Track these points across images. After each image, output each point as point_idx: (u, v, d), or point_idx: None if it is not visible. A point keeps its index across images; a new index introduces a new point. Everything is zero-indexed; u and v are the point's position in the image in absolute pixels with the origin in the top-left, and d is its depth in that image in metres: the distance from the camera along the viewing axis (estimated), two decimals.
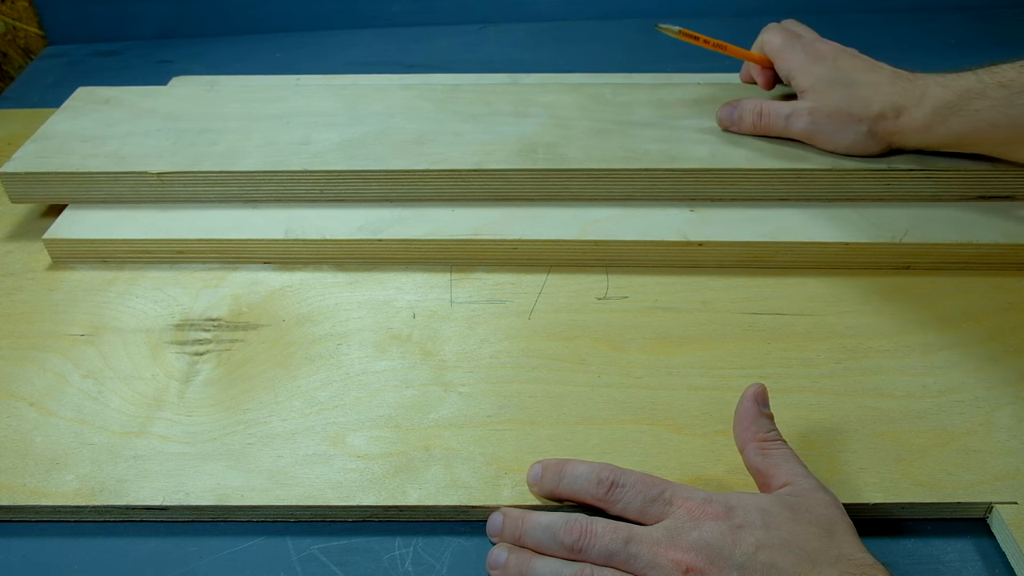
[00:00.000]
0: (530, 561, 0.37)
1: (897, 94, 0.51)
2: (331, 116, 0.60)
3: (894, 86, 0.52)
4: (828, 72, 0.53)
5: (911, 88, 0.51)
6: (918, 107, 0.51)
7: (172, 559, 0.39)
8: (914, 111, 0.51)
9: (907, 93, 0.51)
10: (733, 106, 0.57)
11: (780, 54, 0.56)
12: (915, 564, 0.38)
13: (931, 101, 0.50)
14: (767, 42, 0.57)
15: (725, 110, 0.57)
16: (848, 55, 0.54)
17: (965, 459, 0.41)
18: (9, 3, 0.85)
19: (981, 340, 0.48)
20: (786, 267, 0.53)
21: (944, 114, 0.50)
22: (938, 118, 0.50)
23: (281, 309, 0.51)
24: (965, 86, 0.50)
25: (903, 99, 0.51)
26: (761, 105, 0.56)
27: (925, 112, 0.50)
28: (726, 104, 0.57)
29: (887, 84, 0.52)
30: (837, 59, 0.54)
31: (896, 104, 0.51)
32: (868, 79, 0.52)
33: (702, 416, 0.44)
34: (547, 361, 0.47)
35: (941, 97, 0.50)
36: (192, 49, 0.85)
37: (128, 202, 0.56)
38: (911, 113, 0.51)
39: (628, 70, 0.72)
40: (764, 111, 0.55)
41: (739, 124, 0.56)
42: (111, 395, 0.45)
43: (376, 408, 0.45)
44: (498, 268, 0.54)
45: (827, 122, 0.53)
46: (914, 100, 0.51)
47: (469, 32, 0.87)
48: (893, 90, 0.51)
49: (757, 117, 0.56)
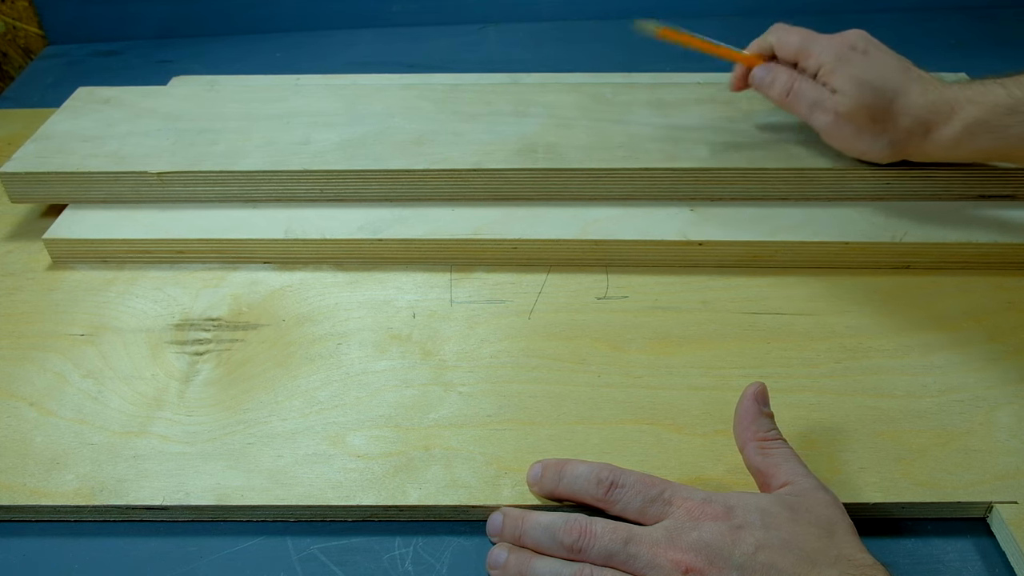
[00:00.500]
0: (530, 561, 0.37)
1: (927, 109, 0.49)
2: (331, 116, 0.60)
3: (925, 98, 0.49)
4: (861, 72, 0.50)
5: (941, 103, 0.49)
6: (948, 125, 0.48)
7: (172, 559, 0.39)
8: (944, 129, 0.49)
9: (937, 109, 0.49)
10: (769, 70, 0.54)
11: (806, 50, 0.52)
12: (915, 564, 0.38)
13: (962, 119, 0.48)
14: (784, 43, 0.53)
15: (761, 71, 0.54)
16: (878, 48, 0.52)
17: (965, 459, 0.41)
18: (9, 3, 0.85)
19: (981, 340, 0.48)
20: (786, 267, 0.53)
21: (974, 132, 0.48)
22: (967, 136, 0.48)
23: (281, 309, 0.51)
24: (995, 101, 0.47)
25: (933, 115, 0.49)
26: (794, 83, 0.52)
27: (955, 131, 0.48)
28: (765, 65, 0.54)
29: (918, 95, 0.49)
30: (869, 52, 0.51)
31: (925, 121, 0.49)
32: (901, 87, 0.49)
33: (702, 416, 0.44)
34: (547, 361, 0.47)
35: (972, 114, 0.48)
36: (192, 49, 0.85)
37: (128, 202, 0.56)
38: (940, 131, 0.49)
39: (628, 70, 0.72)
40: (794, 90, 0.52)
41: (768, 90, 0.54)
42: (111, 395, 0.46)
43: (376, 408, 0.45)
44: (498, 268, 0.54)
45: (848, 127, 0.51)
46: (943, 117, 0.49)
47: (469, 32, 0.87)
48: (924, 104, 0.49)
49: (785, 93, 0.53)
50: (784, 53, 0.53)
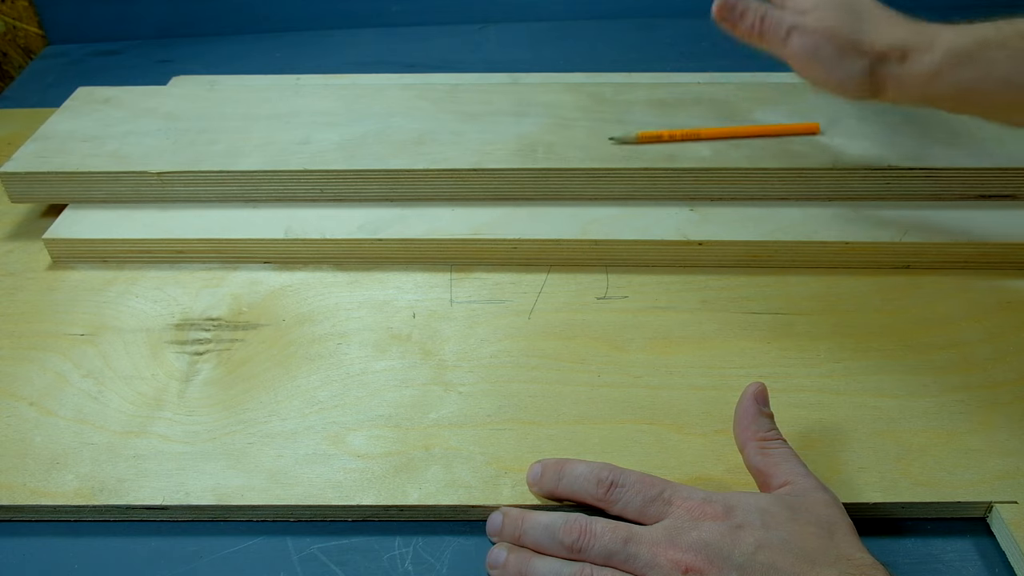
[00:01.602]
0: (530, 561, 0.37)
1: (907, 34, 0.46)
2: (331, 116, 0.60)
3: (904, 26, 0.47)
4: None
5: (922, 30, 0.46)
6: (928, 52, 0.45)
7: (172, 559, 0.39)
8: (923, 55, 0.45)
9: (918, 34, 0.46)
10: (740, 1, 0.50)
11: None
12: (915, 564, 0.38)
13: (943, 46, 0.45)
14: None
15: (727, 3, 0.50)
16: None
17: (965, 459, 0.41)
18: (9, 3, 0.85)
19: (981, 340, 0.48)
20: (786, 266, 0.53)
21: (954, 63, 0.45)
22: (947, 67, 0.45)
23: (281, 309, 0.51)
24: (982, 35, 0.45)
25: (913, 40, 0.46)
26: (766, 9, 0.50)
27: (935, 58, 0.45)
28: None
29: (897, 22, 0.47)
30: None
31: (905, 44, 0.46)
32: (876, 12, 0.47)
33: (702, 416, 0.44)
34: (547, 361, 0.47)
35: (955, 43, 0.45)
36: (192, 49, 0.85)
37: (128, 202, 0.56)
38: (919, 57, 0.46)
39: (628, 70, 0.72)
40: (767, 16, 0.49)
41: (737, 21, 0.50)
42: (111, 395, 0.46)
43: (376, 408, 0.45)
44: (498, 268, 0.54)
45: (827, 46, 0.47)
46: (924, 43, 0.46)
47: (469, 32, 0.87)
48: (903, 29, 0.47)
49: (758, 20, 0.50)
50: None
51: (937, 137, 0.57)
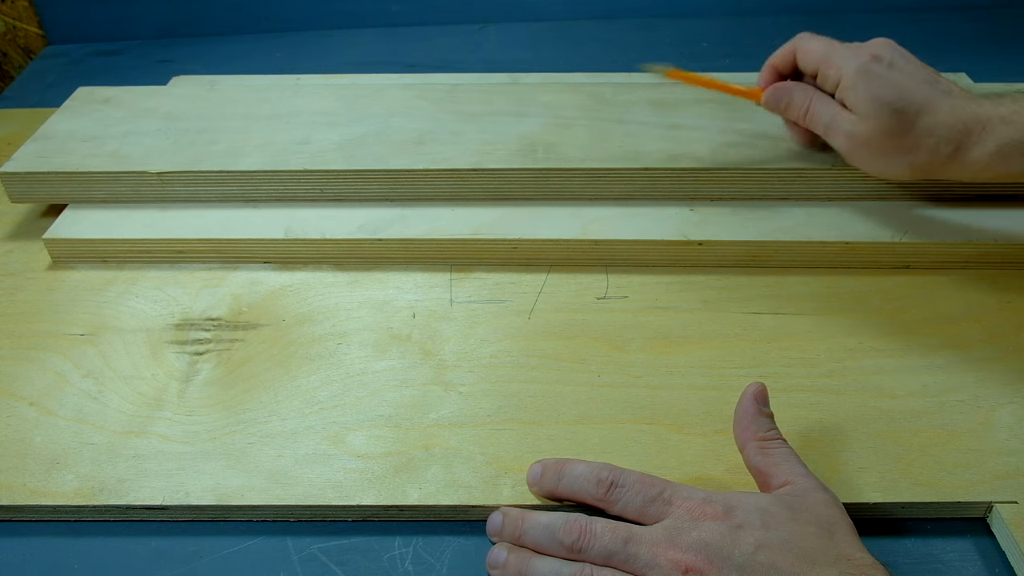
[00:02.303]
0: (530, 561, 0.37)
1: (955, 128, 0.45)
2: (331, 116, 0.60)
3: (953, 115, 0.45)
4: (881, 89, 0.46)
5: (971, 121, 0.45)
6: (979, 144, 0.45)
7: (172, 559, 0.39)
8: (973, 150, 0.45)
9: (966, 128, 0.45)
10: (784, 91, 0.51)
11: (827, 59, 0.48)
12: (915, 564, 0.38)
13: (994, 139, 0.44)
14: (806, 51, 0.50)
15: (775, 94, 0.52)
16: (904, 59, 0.48)
17: (965, 459, 0.41)
18: (9, 3, 0.85)
19: (981, 340, 0.48)
20: (786, 266, 0.53)
21: (1007, 153, 0.44)
22: (999, 158, 0.44)
23: (281, 309, 0.51)
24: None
25: (962, 135, 0.45)
26: (810, 102, 0.50)
27: (986, 151, 0.45)
28: (777, 86, 0.52)
29: (945, 113, 0.45)
30: (894, 64, 0.47)
31: (953, 140, 0.45)
32: (925, 104, 0.46)
33: (702, 416, 0.44)
34: (547, 361, 0.47)
35: (1006, 135, 0.44)
36: (192, 49, 0.85)
37: (128, 202, 0.56)
38: (969, 152, 0.45)
39: (628, 70, 0.72)
40: (811, 111, 0.50)
41: (785, 113, 0.52)
42: (111, 395, 0.46)
43: (376, 408, 0.45)
44: (498, 268, 0.54)
45: (866, 149, 0.48)
46: (974, 136, 0.45)
47: (469, 32, 0.87)
48: (951, 122, 0.45)
49: (803, 113, 0.51)
50: (805, 60, 0.51)
51: None
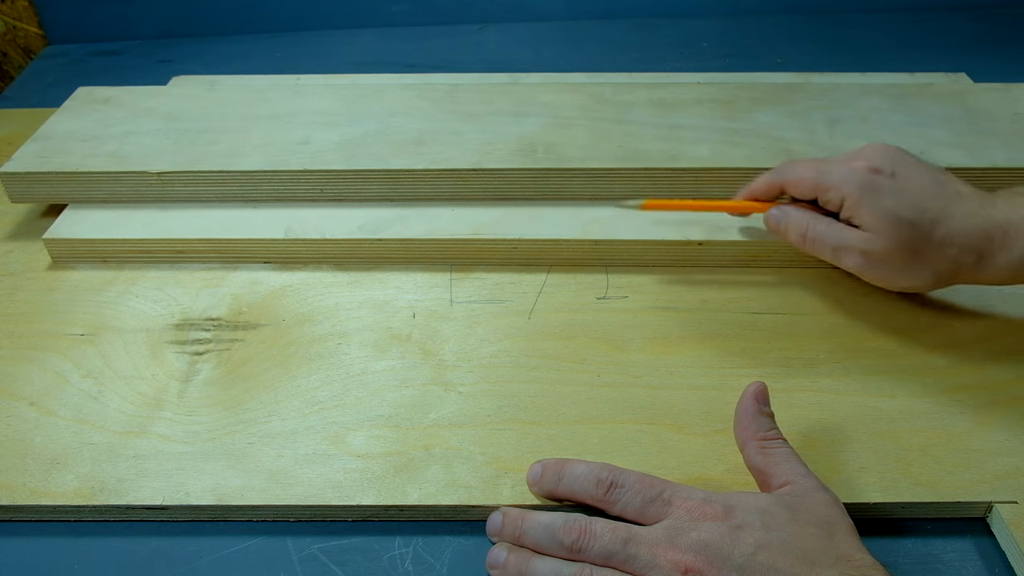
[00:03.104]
0: (529, 561, 0.37)
1: (976, 236, 0.43)
2: (331, 116, 0.60)
3: (971, 222, 0.43)
4: (892, 203, 0.44)
5: (992, 227, 0.43)
6: (1003, 252, 0.43)
7: (172, 559, 0.39)
8: (998, 257, 0.43)
9: (988, 235, 0.43)
10: (783, 214, 0.48)
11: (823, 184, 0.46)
12: (915, 564, 0.38)
13: (1020, 245, 0.42)
14: (797, 181, 0.47)
15: (775, 215, 0.48)
16: (906, 165, 0.45)
17: (965, 459, 0.41)
18: (9, 3, 0.85)
19: (981, 340, 0.48)
20: (786, 266, 0.53)
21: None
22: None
23: (281, 309, 0.51)
24: None
25: (984, 243, 0.43)
26: (807, 226, 0.47)
27: (1012, 258, 0.42)
28: (776, 208, 0.49)
29: (962, 219, 0.43)
30: (897, 174, 0.44)
31: (976, 249, 0.43)
32: (940, 212, 0.43)
33: (702, 416, 0.44)
34: (547, 361, 0.47)
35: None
36: (192, 49, 0.85)
37: (128, 202, 0.56)
38: (995, 260, 0.43)
39: (628, 70, 0.72)
40: (809, 235, 0.47)
41: (783, 235, 0.49)
42: (111, 395, 0.46)
43: (376, 408, 0.45)
44: (498, 268, 0.54)
45: (884, 266, 0.45)
46: (997, 244, 0.43)
47: (469, 32, 0.87)
48: (970, 230, 0.43)
49: (801, 238, 0.47)
50: (799, 192, 0.47)
51: (938, 138, 0.57)
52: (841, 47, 0.82)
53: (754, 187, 0.50)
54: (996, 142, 0.56)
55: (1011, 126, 0.58)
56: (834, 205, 0.46)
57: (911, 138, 0.56)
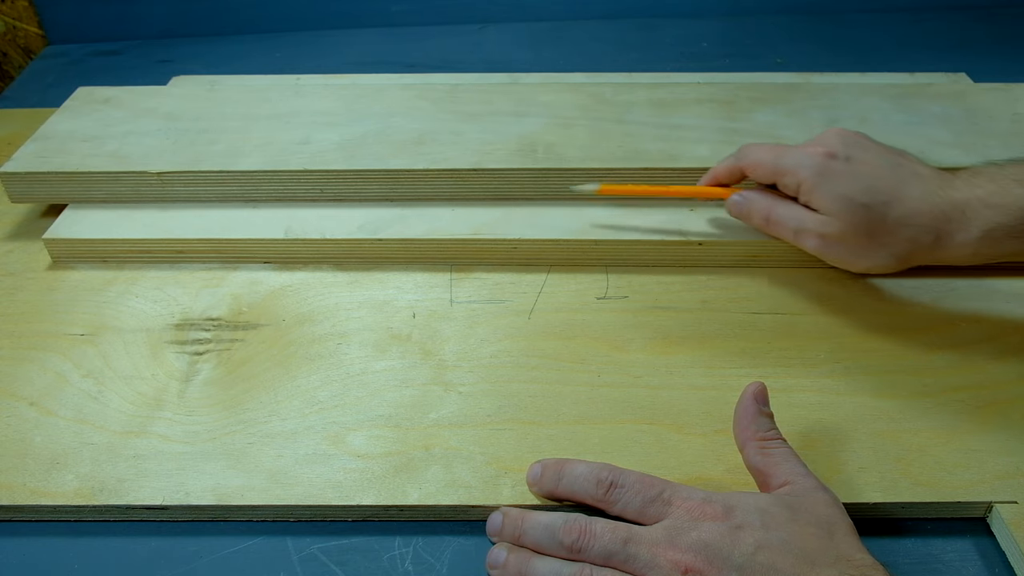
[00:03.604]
0: (529, 560, 0.37)
1: (933, 215, 0.43)
2: (331, 116, 0.60)
3: (928, 202, 0.43)
4: (845, 186, 0.44)
5: (949, 207, 0.43)
6: (962, 231, 0.43)
7: (172, 559, 0.39)
8: (958, 236, 0.43)
9: (945, 214, 0.43)
10: (744, 199, 0.49)
11: (780, 168, 0.46)
12: (915, 564, 0.38)
13: (979, 225, 0.42)
14: (756, 165, 0.48)
15: (737, 200, 0.50)
16: (862, 148, 0.46)
17: (965, 459, 0.41)
18: (9, 3, 0.85)
19: (981, 340, 0.48)
20: (786, 266, 0.53)
21: (997, 238, 0.42)
22: (988, 243, 0.42)
23: (281, 309, 0.51)
24: (1017, 204, 0.41)
25: (942, 222, 0.43)
26: (770, 210, 0.48)
27: (972, 237, 0.43)
28: (738, 193, 0.50)
29: (919, 200, 0.43)
30: (852, 158, 0.45)
31: (933, 229, 0.43)
32: (895, 193, 0.44)
33: (702, 416, 0.44)
34: (547, 361, 0.47)
35: (991, 220, 0.42)
36: (192, 49, 0.85)
37: (128, 202, 0.56)
38: (953, 238, 0.43)
39: (628, 70, 0.72)
40: (772, 218, 0.48)
41: (748, 220, 0.50)
42: (111, 395, 0.46)
43: (376, 408, 0.45)
44: (498, 268, 0.54)
45: (840, 248, 0.46)
46: (955, 223, 0.43)
47: (469, 32, 0.87)
48: (927, 209, 0.43)
49: (764, 221, 0.49)
50: (759, 176, 0.48)
51: (938, 137, 0.57)
52: (841, 47, 0.82)
53: (716, 171, 0.51)
54: (996, 142, 0.56)
55: (1011, 126, 0.58)
56: (791, 190, 0.47)
57: (911, 138, 0.57)
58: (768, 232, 0.49)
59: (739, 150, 0.50)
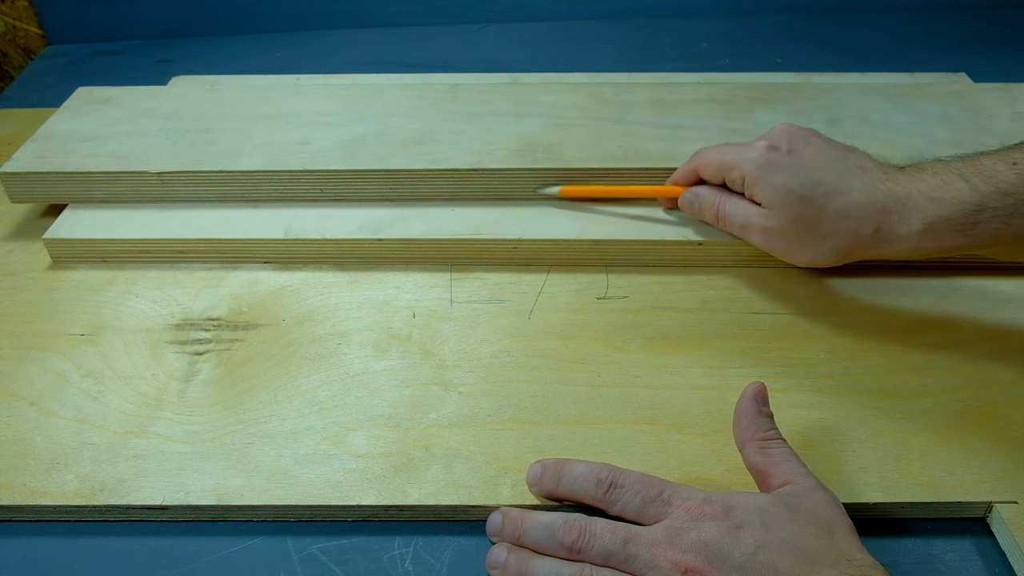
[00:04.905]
0: (529, 561, 0.37)
1: (873, 208, 0.43)
2: (331, 116, 0.60)
3: (868, 194, 0.43)
4: (785, 179, 0.45)
5: (889, 200, 0.43)
6: (903, 224, 0.42)
7: (172, 559, 0.39)
8: (898, 228, 0.43)
9: (885, 207, 0.43)
10: (695, 195, 0.50)
11: (726, 165, 0.48)
12: (915, 564, 0.38)
13: (920, 218, 0.42)
14: (704, 165, 0.49)
15: (688, 197, 0.51)
16: (805, 142, 0.46)
17: (965, 459, 0.41)
18: (9, 3, 0.85)
19: (981, 340, 0.48)
20: (786, 266, 0.53)
21: (938, 231, 0.42)
22: (929, 236, 0.42)
23: (281, 309, 0.51)
24: (958, 197, 0.41)
25: (882, 214, 0.43)
26: (719, 206, 0.49)
27: (913, 230, 0.42)
28: (688, 190, 0.51)
29: (859, 192, 0.43)
30: (794, 150, 0.46)
31: (873, 220, 0.43)
32: (835, 185, 0.44)
33: (702, 416, 0.44)
34: (547, 361, 0.47)
35: (932, 213, 0.42)
36: (192, 49, 0.85)
37: (128, 202, 0.56)
38: (894, 231, 0.43)
39: (628, 70, 0.72)
40: (721, 214, 0.49)
41: (700, 216, 0.51)
42: (111, 395, 0.46)
43: (376, 408, 0.45)
44: (498, 268, 0.54)
45: (783, 241, 0.46)
46: (896, 215, 0.43)
47: (469, 32, 0.87)
48: (867, 202, 0.43)
49: (715, 218, 0.50)
50: (708, 174, 0.50)
51: (938, 137, 0.57)
52: (841, 47, 0.82)
53: (675, 176, 0.53)
54: (996, 142, 0.56)
55: (1011, 126, 0.58)
56: (738, 185, 0.48)
57: (911, 137, 0.57)
58: (720, 228, 0.50)
59: (695, 153, 0.51)
